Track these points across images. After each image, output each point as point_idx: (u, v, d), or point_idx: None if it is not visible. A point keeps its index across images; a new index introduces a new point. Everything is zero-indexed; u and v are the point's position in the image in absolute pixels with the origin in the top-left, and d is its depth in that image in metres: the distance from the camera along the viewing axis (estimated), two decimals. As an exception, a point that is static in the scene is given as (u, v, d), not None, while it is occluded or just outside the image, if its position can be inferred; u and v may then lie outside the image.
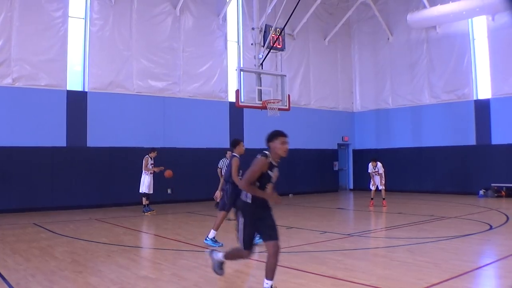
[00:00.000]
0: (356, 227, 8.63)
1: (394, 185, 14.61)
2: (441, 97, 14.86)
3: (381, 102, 16.64)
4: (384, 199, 10.82)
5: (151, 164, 9.47)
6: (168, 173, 9.26)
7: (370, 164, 10.88)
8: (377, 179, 10.74)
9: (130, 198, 10.95)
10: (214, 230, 5.66)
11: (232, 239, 5.39)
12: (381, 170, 10.62)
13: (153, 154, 9.57)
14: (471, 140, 14.06)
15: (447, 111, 14.68)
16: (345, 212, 11.34)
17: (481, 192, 13.01)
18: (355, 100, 17.63)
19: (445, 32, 14.75)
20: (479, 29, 14.56)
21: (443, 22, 14.30)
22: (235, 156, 5.50)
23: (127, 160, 11.52)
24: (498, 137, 13.34)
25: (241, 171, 4.82)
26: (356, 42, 17.46)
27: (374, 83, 16.97)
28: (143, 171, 9.40)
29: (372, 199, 10.97)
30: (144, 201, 9.50)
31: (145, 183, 9.25)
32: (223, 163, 9.58)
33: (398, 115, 16.05)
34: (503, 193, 12.75)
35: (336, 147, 17.29)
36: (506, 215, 8.91)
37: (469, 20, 14.40)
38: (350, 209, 12.14)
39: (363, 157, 16.06)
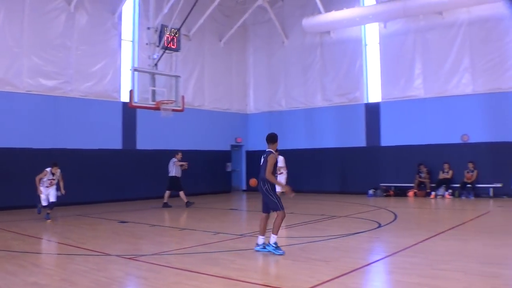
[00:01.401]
0: (249, 227, 11.09)
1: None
2: (333, 100, 20.29)
3: (275, 104, 22.15)
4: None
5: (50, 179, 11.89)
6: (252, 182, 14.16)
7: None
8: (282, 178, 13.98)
9: (21, 201, 13.66)
10: (275, 234, 6.97)
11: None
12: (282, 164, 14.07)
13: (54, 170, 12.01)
14: (362, 142, 19.47)
15: (339, 113, 20.05)
16: (238, 213, 14.88)
17: (371, 191, 18.26)
18: (249, 102, 23.21)
19: (339, 37, 20.15)
20: (372, 35, 19.87)
21: (337, 27, 19.60)
22: (271, 152, 6.99)
23: (17, 162, 14.26)
24: (387, 139, 18.73)
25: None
26: (251, 45, 23.08)
27: (268, 85, 22.44)
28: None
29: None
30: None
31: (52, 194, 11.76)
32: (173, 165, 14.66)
33: (292, 117, 21.50)
34: (391, 192, 18.06)
35: (229, 148, 22.19)
36: (394, 213, 12.48)
37: (362, 26, 19.65)
38: (243, 210, 15.79)
39: (256, 158, 22.36)
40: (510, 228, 10.89)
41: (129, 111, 17.27)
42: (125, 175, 17.84)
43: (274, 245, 6.99)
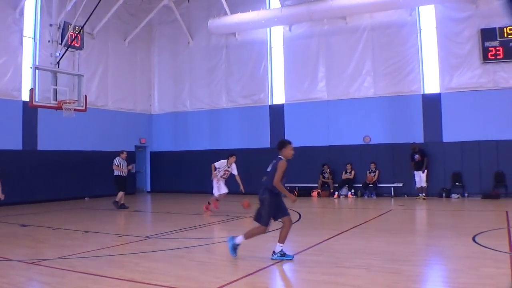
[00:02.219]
0: (154, 229, 12.27)
1: (192, 187, 22.57)
2: (238, 101, 23.02)
3: (179, 105, 24.64)
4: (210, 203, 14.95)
5: None
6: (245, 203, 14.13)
7: (226, 161, 14.74)
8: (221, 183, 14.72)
9: None
10: (244, 238, 7.84)
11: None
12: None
13: None
14: (266, 143, 22.25)
15: (244, 115, 22.75)
16: (143, 215, 16.22)
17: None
18: (154, 103, 25.63)
19: (244, 39, 23.02)
20: (277, 38, 22.69)
21: (242, 29, 22.37)
22: (281, 159, 7.80)
23: None
24: (291, 140, 23.98)
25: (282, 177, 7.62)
26: (156, 45, 25.52)
27: (173, 86, 24.89)
28: None
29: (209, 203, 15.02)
30: None
31: None
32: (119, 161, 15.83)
33: (196, 118, 24.08)
34: (295, 192, 20.49)
35: (133, 149, 23.97)
36: (298, 213, 14.20)
37: (268, 29, 22.41)
38: (147, 212, 17.12)
39: (160, 159, 24.37)
40: (410, 226, 12.74)
41: (29, 110, 18.31)
42: (26, 177, 18.79)
43: (234, 249, 7.88)
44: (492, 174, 19.22)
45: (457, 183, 19.68)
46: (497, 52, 19.46)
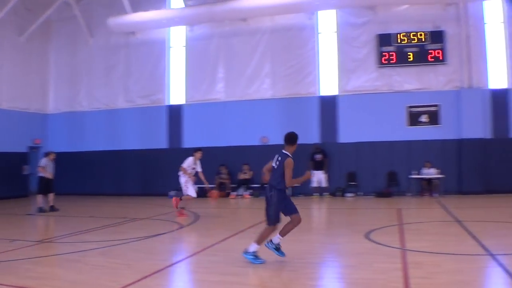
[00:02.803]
0: (48, 232, 12.03)
1: (88, 188, 22.09)
2: (136, 102, 22.93)
3: (76, 105, 24.17)
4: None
5: None
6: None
7: (192, 158, 14.07)
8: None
9: None
10: (257, 244, 7.53)
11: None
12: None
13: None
14: (164, 144, 22.31)
15: (142, 115, 22.74)
16: (36, 218, 15.51)
17: (172, 193, 20.39)
18: (49, 102, 24.93)
19: (145, 38, 23.04)
20: (178, 38, 22.82)
21: (143, 28, 22.48)
22: (288, 156, 7.49)
23: None
24: (189, 141, 21.94)
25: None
26: (54, 42, 24.97)
27: (70, 85, 24.40)
28: None
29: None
30: None
31: None
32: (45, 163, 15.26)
33: (93, 118, 23.72)
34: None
35: (26, 150, 23.32)
36: (195, 213, 14.57)
37: (168, 28, 22.55)
38: (40, 215, 16.14)
39: (55, 160, 21.83)
40: (306, 225, 12.18)
41: None
42: None
43: (253, 254, 7.47)
44: (385, 173, 20.17)
45: (351, 183, 20.40)
46: (391, 57, 20.55)
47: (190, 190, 14.20)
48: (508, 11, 20.23)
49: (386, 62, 20.70)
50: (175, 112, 22.85)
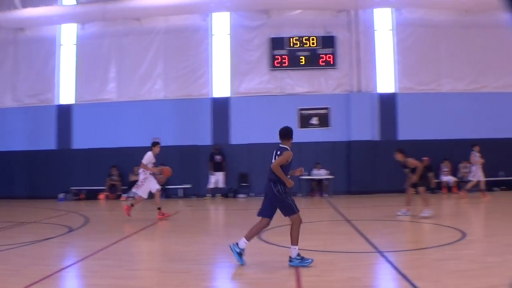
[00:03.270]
0: None
1: None
2: (24, 101, 22.40)
3: None
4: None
5: None
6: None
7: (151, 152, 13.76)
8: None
9: None
10: (295, 245, 7.27)
11: None
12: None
13: None
14: (53, 145, 21.95)
15: (30, 115, 22.21)
16: None
17: (61, 195, 20.74)
18: None
19: (34, 35, 22.55)
20: (69, 36, 22.58)
21: (33, 25, 22.01)
22: (287, 149, 7.62)
23: None
24: (79, 142, 22.15)
25: None
26: None
27: None
28: None
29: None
30: None
31: None
32: None
33: None
34: (82, 195, 20.79)
35: None
36: (85, 216, 14.38)
37: (59, 25, 22.28)
38: None
39: None
40: (198, 226, 13.16)
41: None
42: None
43: (298, 258, 7.25)
44: None
45: (243, 184, 20.97)
46: (284, 60, 21.25)
47: (141, 190, 13.92)
48: (396, 19, 21.68)
49: (279, 65, 21.45)
50: (64, 112, 22.52)
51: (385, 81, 22.04)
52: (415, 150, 18.91)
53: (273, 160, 7.63)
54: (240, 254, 7.46)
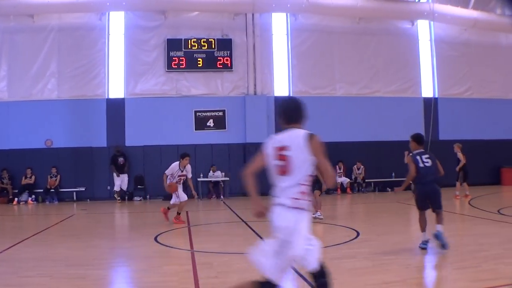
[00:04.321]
0: None
1: None
2: None
3: None
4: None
5: None
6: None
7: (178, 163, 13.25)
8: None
9: None
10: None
11: None
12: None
13: None
14: None
15: None
16: None
17: None
18: None
19: None
20: None
21: None
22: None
23: None
24: None
25: None
26: None
27: None
28: None
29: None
30: None
31: None
32: None
33: None
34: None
35: None
36: None
37: None
38: None
39: None
40: (94, 230, 13.47)
41: None
42: None
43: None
44: None
45: (139, 186, 21.90)
46: (181, 62, 22.40)
47: (173, 199, 14.13)
48: (292, 24, 23.46)
49: (176, 66, 22.57)
50: None
51: (282, 85, 23.80)
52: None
53: (428, 163, 8.97)
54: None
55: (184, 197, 13.59)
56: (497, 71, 26.48)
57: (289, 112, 4.97)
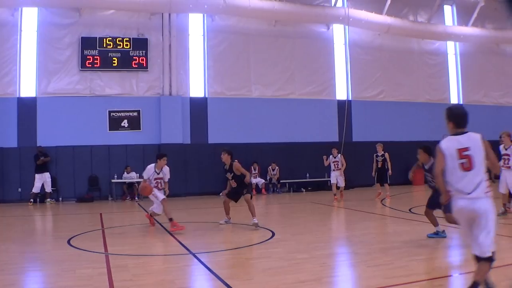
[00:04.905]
0: None
1: None
2: None
3: None
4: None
5: None
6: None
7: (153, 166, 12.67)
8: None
9: None
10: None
11: None
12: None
13: None
14: None
15: None
16: None
17: None
18: None
19: None
20: None
21: None
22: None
23: None
24: None
25: None
26: None
27: None
28: None
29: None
30: None
31: None
32: None
33: None
34: None
35: None
36: None
37: None
38: None
39: None
40: (3, 234, 13.11)
41: None
42: None
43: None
44: (86, 178, 22.34)
45: (52, 188, 21.99)
46: (95, 61, 22.71)
47: (154, 206, 13.30)
48: (209, 25, 24.50)
49: (90, 65, 22.83)
50: None
51: (197, 86, 24.62)
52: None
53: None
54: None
55: (161, 195, 12.65)
56: (408, 75, 28.46)
57: (461, 118, 6.05)
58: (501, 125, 18.56)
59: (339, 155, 19.68)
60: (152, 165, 12.91)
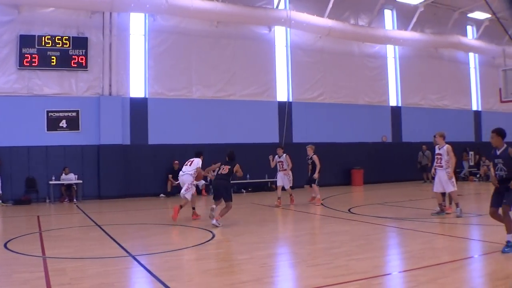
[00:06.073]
0: None
1: None
2: None
3: None
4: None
5: None
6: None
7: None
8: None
9: None
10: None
11: None
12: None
13: None
14: None
15: None
16: None
17: None
18: None
19: None
20: None
21: None
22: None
23: None
24: None
25: None
26: None
27: None
28: None
29: None
30: None
31: None
32: None
33: None
34: None
35: None
36: None
37: None
38: None
39: None
40: None
41: None
42: None
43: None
44: (23, 180, 22.70)
45: None
46: (34, 60, 23.11)
47: (188, 193, 15.38)
48: (150, 25, 25.31)
49: (28, 64, 23.16)
50: None
51: (138, 86, 25.29)
52: (166, 154, 24.17)
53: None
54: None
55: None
56: (349, 77, 30.09)
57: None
58: (438, 127, 20.06)
59: (284, 155, 19.97)
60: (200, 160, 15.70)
